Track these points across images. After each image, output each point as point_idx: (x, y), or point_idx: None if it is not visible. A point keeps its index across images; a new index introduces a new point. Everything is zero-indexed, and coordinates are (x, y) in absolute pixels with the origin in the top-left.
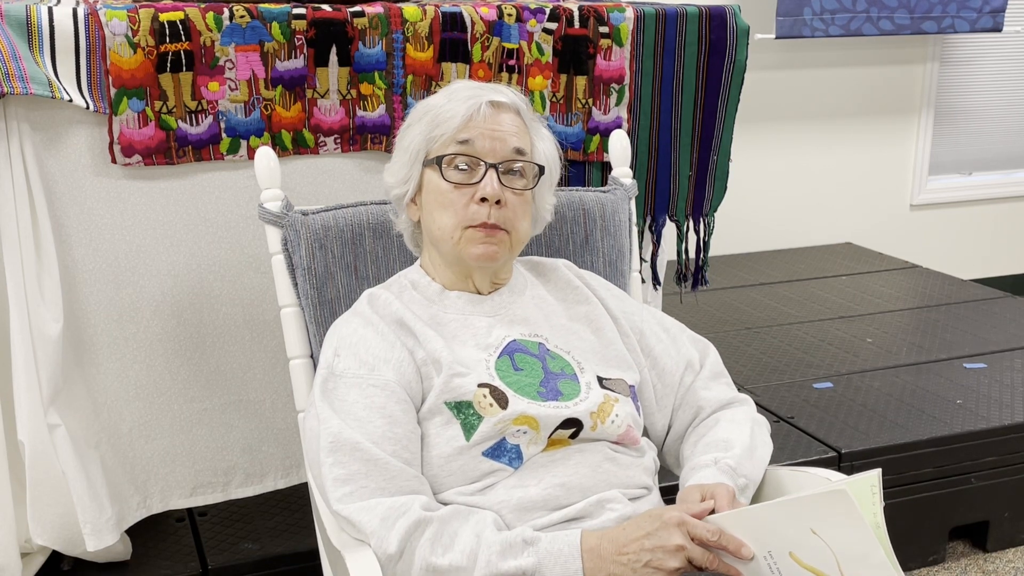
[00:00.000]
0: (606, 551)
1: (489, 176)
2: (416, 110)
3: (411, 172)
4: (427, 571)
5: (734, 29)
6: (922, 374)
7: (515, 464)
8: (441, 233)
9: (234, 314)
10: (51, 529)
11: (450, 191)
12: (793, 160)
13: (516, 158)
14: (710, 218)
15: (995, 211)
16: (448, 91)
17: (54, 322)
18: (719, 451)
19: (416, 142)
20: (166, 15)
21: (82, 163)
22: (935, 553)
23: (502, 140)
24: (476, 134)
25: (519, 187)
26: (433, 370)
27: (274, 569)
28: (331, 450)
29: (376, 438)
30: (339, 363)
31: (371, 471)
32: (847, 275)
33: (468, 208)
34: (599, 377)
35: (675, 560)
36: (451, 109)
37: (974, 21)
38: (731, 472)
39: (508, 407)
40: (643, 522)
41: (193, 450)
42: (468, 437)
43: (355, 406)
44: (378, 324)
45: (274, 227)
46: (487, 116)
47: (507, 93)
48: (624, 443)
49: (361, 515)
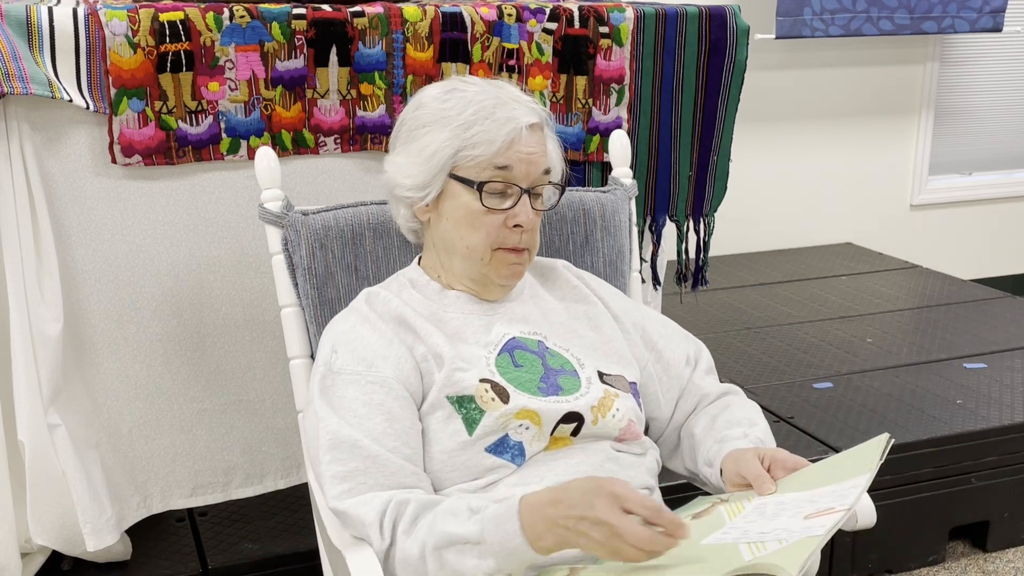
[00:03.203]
0: (549, 516)
1: (523, 203)
2: (427, 109)
3: (433, 180)
4: (401, 562)
5: (734, 29)
6: (922, 374)
7: (518, 461)
8: (469, 252)
9: (234, 314)
10: (51, 529)
11: (484, 214)
12: (793, 160)
13: (545, 180)
14: (710, 218)
15: (995, 211)
16: (464, 96)
17: (54, 322)
18: (746, 427)
19: (442, 153)
20: (166, 15)
21: (82, 163)
22: (935, 553)
23: (535, 163)
24: (515, 160)
25: (539, 206)
26: (434, 365)
27: (274, 569)
28: (330, 447)
29: (376, 435)
30: (337, 360)
31: (370, 468)
32: (847, 275)
33: (500, 231)
34: (600, 372)
35: (598, 532)
36: (489, 131)
37: (974, 21)
38: (760, 443)
39: (510, 402)
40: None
41: (193, 450)
42: (471, 432)
43: (354, 403)
44: (375, 322)
45: (274, 227)
46: (525, 140)
47: (536, 108)
48: (626, 438)
49: (359, 508)
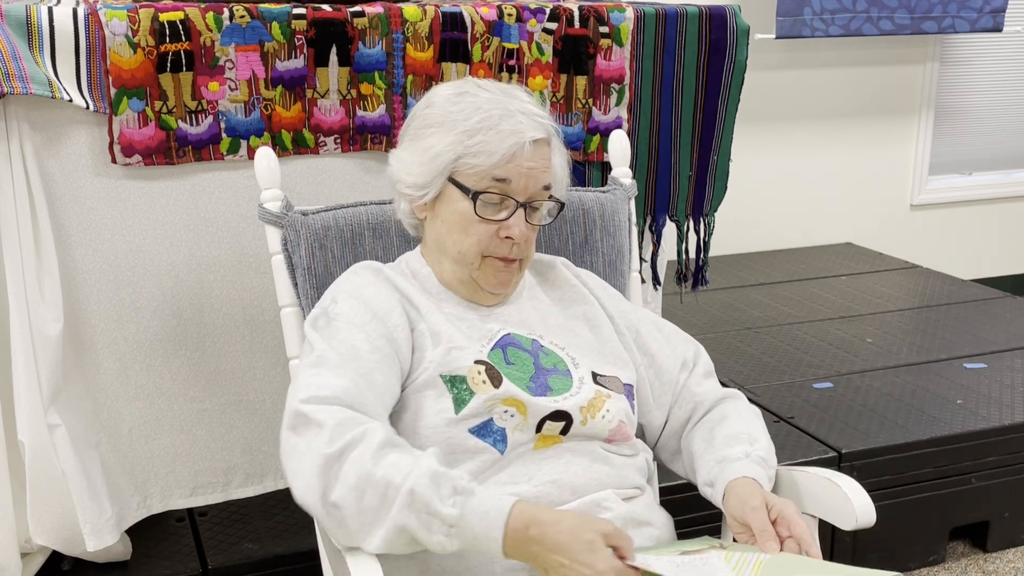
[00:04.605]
0: (532, 538)
1: (518, 217)
2: (436, 109)
3: (432, 181)
4: (361, 478)
5: (734, 29)
6: (922, 374)
7: (500, 447)
8: (460, 256)
9: (234, 314)
10: (51, 529)
11: (477, 222)
12: (793, 160)
13: (544, 196)
14: (710, 218)
15: (995, 211)
16: (474, 102)
17: (54, 322)
18: (746, 444)
19: (445, 156)
20: (166, 15)
21: (82, 163)
22: (935, 553)
23: (535, 178)
24: (514, 174)
25: (536, 221)
26: (430, 342)
27: (274, 569)
28: (315, 363)
29: (361, 371)
30: (336, 307)
31: (348, 389)
32: (847, 275)
33: (492, 240)
34: (594, 372)
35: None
36: (492, 143)
37: (974, 21)
38: (763, 463)
39: (501, 386)
40: (581, 532)
41: (193, 450)
42: (458, 411)
43: (344, 343)
44: (381, 285)
45: (274, 227)
46: (527, 155)
47: (544, 123)
48: (616, 439)
49: (319, 413)
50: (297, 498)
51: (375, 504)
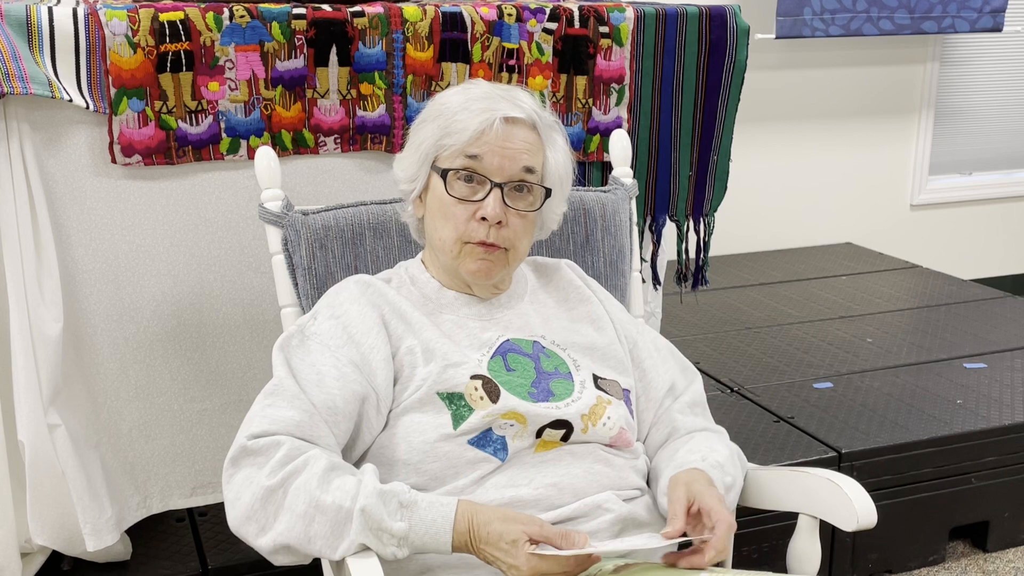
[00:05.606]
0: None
1: (493, 196)
2: (432, 105)
3: (419, 172)
4: (311, 505)
5: (734, 29)
6: (922, 374)
7: (500, 456)
8: (441, 244)
9: (234, 314)
10: (51, 529)
11: (453, 204)
12: (793, 160)
13: (524, 178)
14: (710, 218)
15: (995, 211)
16: (466, 93)
17: (54, 322)
18: (704, 452)
19: (427, 143)
20: (166, 15)
21: (82, 163)
22: (935, 553)
23: (512, 158)
24: (486, 150)
25: (523, 207)
26: (420, 359)
27: (274, 569)
28: (269, 392)
29: (316, 402)
30: (313, 326)
31: (301, 422)
32: (847, 275)
33: (468, 224)
34: (595, 376)
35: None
36: (464, 120)
37: (974, 21)
38: (719, 468)
39: (499, 401)
40: (507, 533)
41: (193, 450)
42: (456, 426)
43: (310, 368)
44: (364, 306)
45: (274, 227)
46: (499, 132)
47: (524, 106)
48: (617, 446)
49: (263, 444)
50: (232, 527)
51: (325, 531)
